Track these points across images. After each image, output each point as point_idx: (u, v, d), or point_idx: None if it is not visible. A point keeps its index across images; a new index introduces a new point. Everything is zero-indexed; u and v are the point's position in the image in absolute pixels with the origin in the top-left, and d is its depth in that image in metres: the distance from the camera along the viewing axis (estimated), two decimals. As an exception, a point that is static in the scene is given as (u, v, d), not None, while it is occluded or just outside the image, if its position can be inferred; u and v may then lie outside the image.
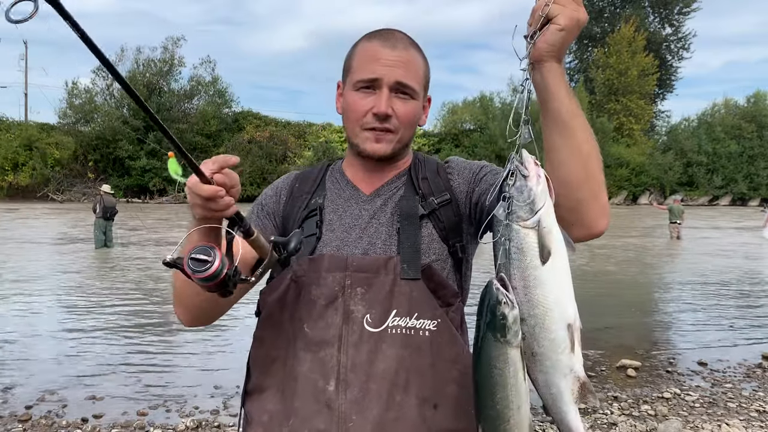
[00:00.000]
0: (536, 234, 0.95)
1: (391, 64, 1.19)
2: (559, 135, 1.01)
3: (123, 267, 11.67)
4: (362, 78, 1.21)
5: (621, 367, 5.69)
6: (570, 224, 1.03)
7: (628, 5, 51.04)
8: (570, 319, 0.95)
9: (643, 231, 22.24)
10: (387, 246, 1.20)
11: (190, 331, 6.87)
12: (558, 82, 0.99)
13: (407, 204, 1.23)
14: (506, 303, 0.93)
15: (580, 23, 0.96)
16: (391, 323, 1.14)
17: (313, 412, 1.13)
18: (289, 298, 1.21)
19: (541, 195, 0.95)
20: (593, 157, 1.03)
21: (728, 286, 10.63)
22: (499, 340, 0.94)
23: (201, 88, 41.82)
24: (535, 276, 0.95)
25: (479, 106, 46.12)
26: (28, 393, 4.81)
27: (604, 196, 1.06)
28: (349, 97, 1.24)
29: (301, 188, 1.34)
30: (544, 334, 0.95)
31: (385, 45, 1.21)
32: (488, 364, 0.96)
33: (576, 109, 1.01)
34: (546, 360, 0.96)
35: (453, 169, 1.29)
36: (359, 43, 1.27)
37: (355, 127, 1.24)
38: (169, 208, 31.13)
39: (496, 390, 0.97)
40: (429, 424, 1.13)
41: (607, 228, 1.07)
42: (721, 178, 48.14)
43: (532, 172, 0.96)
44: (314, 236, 1.23)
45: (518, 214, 0.95)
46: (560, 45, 0.97)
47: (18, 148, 35.34)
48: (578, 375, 0.96)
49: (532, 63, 0.99)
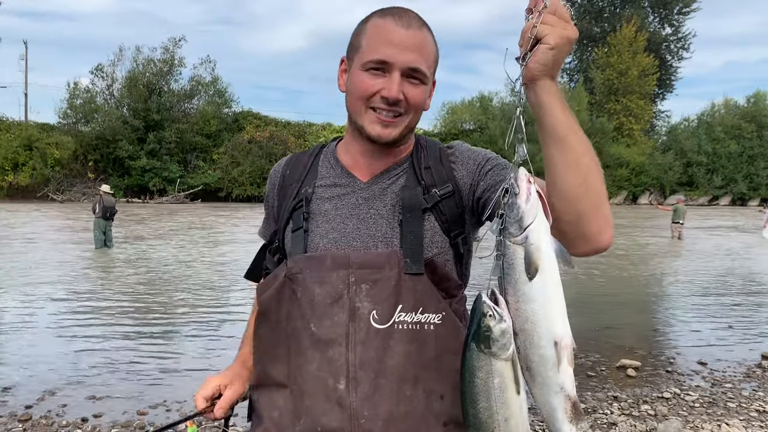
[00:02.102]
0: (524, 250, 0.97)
1: (404, 46, 1.15)
2: (556, 150, 1.01)
3: (123, 267, 11.67)
4: (373, 59, 1.16)
5: (621, 367, 5.68)
6: (573, 237, 1.03)
7: (627, 5, 51.01)
8: (557, 336, 0.96)
9: (644, 231, 22.23)
10: (388, 239, 1.19)
11: (191, 331, 6.88)
12: (552, 100, 0.99)
13: (410, 195, 1.20)
14: (492, 315, 0.95)
15: (570, 41, 0.96)
16: (398, 319, 1.14)
17: (325, 411, 1.14)
18: (284, 295, 1.21)
19: (530, 212, 0.97)
20: (593, 170, 1.02)
21: (728, 285, 10.64)
22: (483, 351, 0.97)
23: (201, 88, 41.78)
24: (523, 291, 0.97)
25: (479, 106, 46.14)
26: (28, 393, 4.82)
27: (606, 209, 1.05)
28: (356, 76, 1.19)
29: (291, 175, 1.32)
30: (533, 350, 0.97)
31: (399, 24, 1.16)
32: (471, 373, 0.99)
33: (572, 123, 1.01)
34: (537, 376, 0.98)
35: (457, 158, 1.26)
36: (370, 19, 1.21)
37: (361, 105, 1.19)
38: (169, 208, 31.14)
39: (478, 399, 0.99)
40: (437, 415, 1.15)
41: (611, 242, 1.06)
42: (721, 178, 48.13)
43: (522, 190, 0.98)
44: (301, 229, 1.22)
45: (509, 231, 0.98)
46: (552, 64, 0.97)
47: (18, 148, 35.31)
48: (568, 394, 0.97)
49: (525, 83, 1.00)
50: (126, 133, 37.23)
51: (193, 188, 38.39)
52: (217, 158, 39.57)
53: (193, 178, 38.81)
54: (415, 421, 1.13)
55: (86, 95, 38.74)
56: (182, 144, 38.99)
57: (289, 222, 1.26)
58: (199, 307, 8.20)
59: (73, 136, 36.92)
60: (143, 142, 37.86)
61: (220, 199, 38.82)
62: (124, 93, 39.09)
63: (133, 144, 37.37)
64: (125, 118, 38.00)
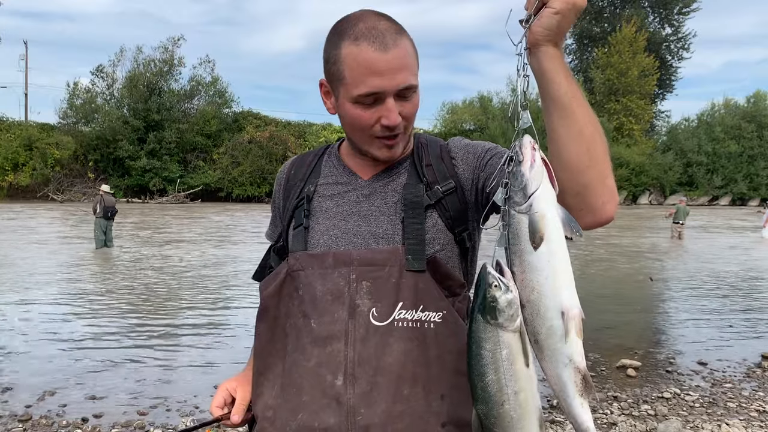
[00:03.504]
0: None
1: (390, 72, 1.11)
2: (559, 118, 1.00)
3: (123, 267, 11.67)
4: (362, 93, 1.12)
5: (621, 367, 5.69)
6: (578, 210, 1.02)
7: (627, 5, 51.01)
8: (564, 306, 0.93)
9: (644, 231, 22.24)
10: (390, 236, 1.18)
11: (191, 331, 6.88)
12: (555, 66, 0.97)
13: (412, 192, 1.20)
14: (497, 286, 0.93)
15: (576, 6, 0.95)
16: (398, 316, 1.13)
17: (322, 407, 1.13)
18: (285, 292, 1.21)
19: (534, 179, 0.94)
20: (597, 140, 1.01)
21: (728, 285, 10.63)
22: (489, 322, 0.94)
23: (201, 88, 41.81)
24: (528, 261, 0.94)
25: (479, 106, 46.15)
26: (28, 393, 4.81)
27: (611, 181, 1.03)
28: (349, 110, 1.16)
29: (296, 175, 1.33)
30: (540, 321, 0.94)
31: (377, 49, 1.10)
32: (478, 346, 0.96)
33: (576, 91, 1.00)
34: (546, 349, 0.95)
35: (457, 154, 1.25)
36: (342, 45, 1.13)
37: (364, 137, 1.19)
38: (170, 208, 31.15)
39: (486, 372, 0.96)
40: (436, 415, 1.14)
41: (614, 214, 1.04)
42: (721, 178, 48.14)
43: (527, 157, 0.95)
44: (302, 227, 1.23)
45: (514, 199, 0.96)
46: (556, 29, 0.95)
47: (18, 148, 35.32)
48: (578, 366, 0.94)
49: (528, 48, 0.98)
50: (126, 133, 37.24)
51: (193, 188, 38.40)
52: (217, 158, 39.58)
53: (193, 178, 38.82)
54: (412, 420, 1.12)
55: (86, 95, 38.76)
56: (182, 144, 38.99)
57: (292, 220, 1.27)
58: (200, 307, 8.20)
59: (74, 136, 36.93)
60: (143, 142, 37.87)
61: (221, 199, 38.83)
62: (124, 93, 39.12)
63: (133, 144, 37.39)
64: (125, 118, 38.02)
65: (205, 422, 1.37)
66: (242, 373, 1.38)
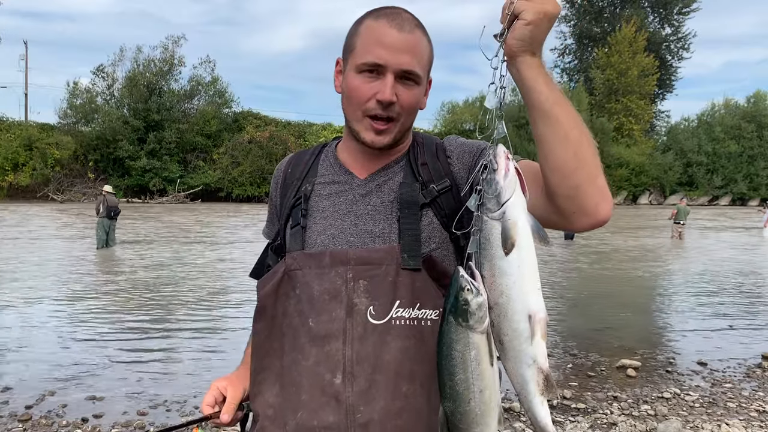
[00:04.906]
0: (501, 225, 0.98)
1: (397, 49, 1.15)
2: (543, 125, 1.01)
3: (124, 267, 11.68)
4: (366, 61, 1.16)
5: (621, 367, 5.68)
6: (571, 213, 1.03)
7: (627, 5, 51.02)
8: (532, 310, 0.97)
9: (644, 231, 22.24)
10: (386, 235, 1.19)
11: (191, 331, 6.88)
12: (534, 75, 0.99)
13: (407, 191, 1.21)
14: (469, 290, 0.96)
15: (548, 16, 0.96)
16: (395, 314, 1.14)
17: (321, 405, 1.14)
18: (282, 291, 1.22)
19: (508, 188, 0.98)
20: (584, 143, 1.02)
21: (728, 286, 10.64)
22: (460, 324, 0.98)
23: (201, 88, 41.84)
24: (499, 266, 0.98)
25: (479, 106, 46.12)
26: (28, 393, 4.81)
27: (601, 181, 1.04)
28: (351, 79, 1.19)
29: (293, 173, 1.33)
30: (507, 323, 0.98)
31: (392, 26, 1.16)
32: (449, 347, 0.99)
33: (558, 97, 1.01)
34: (510, 350, 0.99)
35: (453, 152, 1.26)
36: (365, 20, 1.20)
37: (357, 112, 1.20)
38: (170, 208, 31.15)
39: (455, 371, 1.00)
40: (435, 411, 1.14)
41: (610, 215, 1.05)
42: (721, 178, 48.18)
43: (501, 166, 0.99)
44: (299, 226, 1.24)
45: (487, 206, 0.99)
46: (530, 39, 0.97)
47: (18, 148, 35.34)
48: (541, 367, 0.98)
49: (506, 60, 1.00)
50: (126, 133, 37.26)
51: (193, 188, 38.41)
52: (217, 158, 39.60)
53: (193, 178, 38.83)
54: (411, 417, 1.13)
55: (86, 95, 38.77)
56: (182, 144, 39.01)
57: (289, 219, 1.28)
58: (200, 307, 8.20)
59: (73, 136, 36.95)
60: (143, 142, 37.88)
61: (221, 199, 38.84)
62: (124, 93, 39.14)
63: (133, 144, 37.41)
64: (125, 118, 38.04)
65: (192, 420, 1.36)
66: (234, 372, 1.38)
